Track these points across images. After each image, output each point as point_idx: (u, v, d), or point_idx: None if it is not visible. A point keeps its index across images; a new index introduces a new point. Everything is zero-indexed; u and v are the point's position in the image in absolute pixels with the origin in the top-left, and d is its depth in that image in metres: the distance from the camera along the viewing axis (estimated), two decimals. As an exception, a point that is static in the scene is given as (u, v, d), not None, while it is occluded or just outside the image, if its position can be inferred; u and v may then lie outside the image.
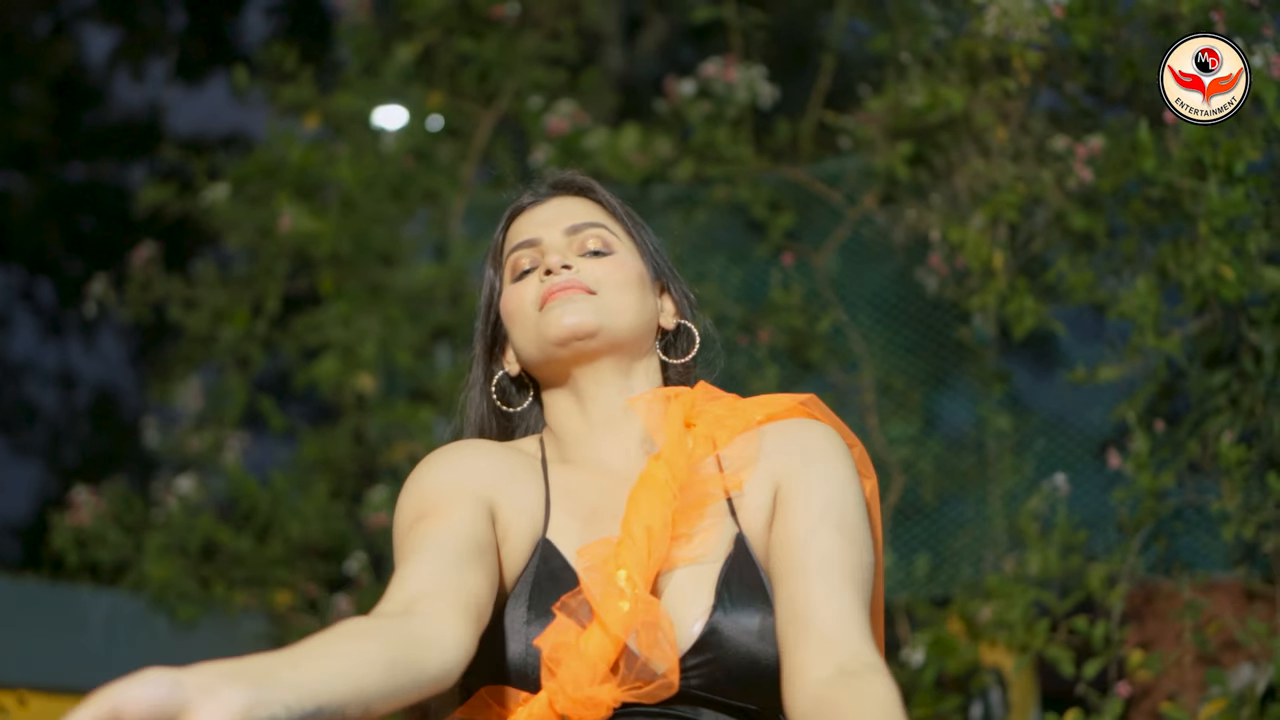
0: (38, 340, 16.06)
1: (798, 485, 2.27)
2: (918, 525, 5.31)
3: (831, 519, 2.23)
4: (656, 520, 2.20)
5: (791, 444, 2.32)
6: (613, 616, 2.11)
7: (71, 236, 14.37)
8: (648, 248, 2.45)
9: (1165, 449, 4.54)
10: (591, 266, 2.35)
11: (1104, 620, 4.51)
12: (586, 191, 2.46)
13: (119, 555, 6.21)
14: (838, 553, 2.19)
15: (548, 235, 2.38)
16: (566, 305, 2.31)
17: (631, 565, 2.15)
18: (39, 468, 16.27)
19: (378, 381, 6.21)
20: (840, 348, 5.49)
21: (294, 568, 6.21)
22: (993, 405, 5.19)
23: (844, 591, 2.15)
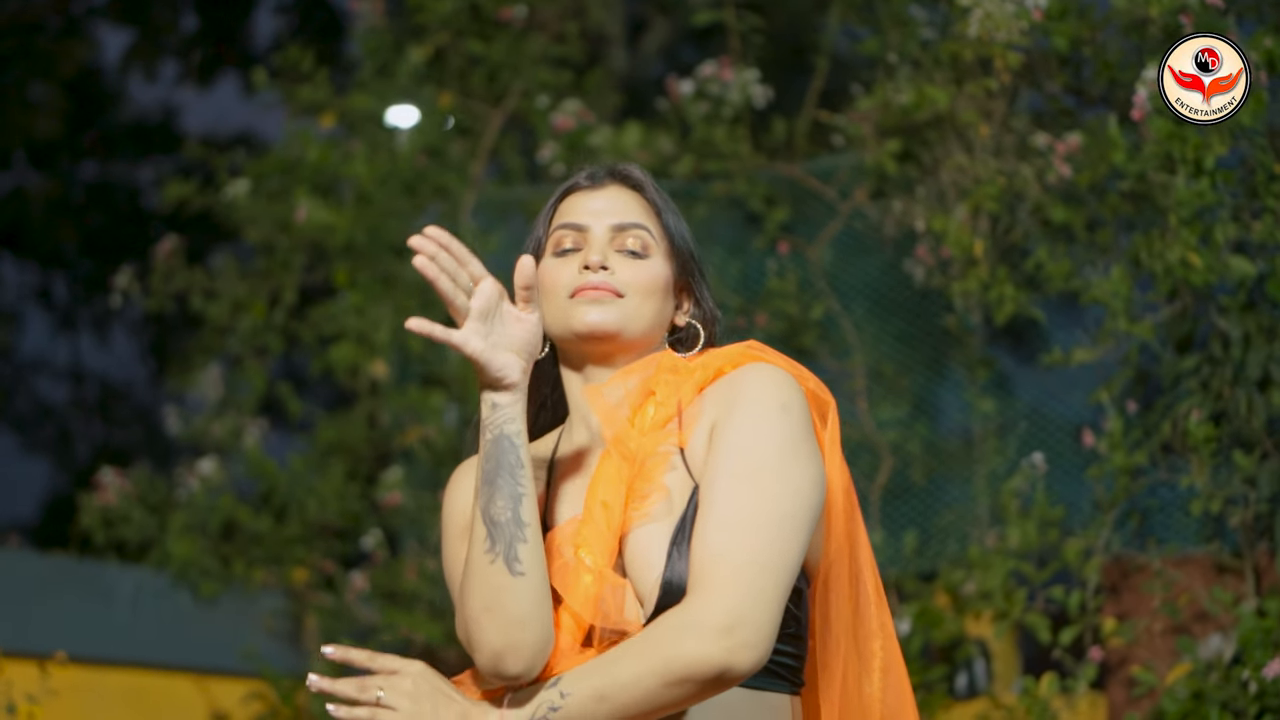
0: (50, 337, 16.18)
1: (718, 434, 2.38)
2: (906, 504, 5.53)
3: (735, 466, 2.34)
4: (612, 495, 2.39)
5: (727, 392, 2.41)
6: (576, 594, 2.35)
7: (85, 234, 14.50)
8: (681, 250, 2.58)
9: (1138, 430, 4.77)
10: (625, 268, 2.50)
11: (1079, 590, 4.75)
12: (639, 189, 2.60)
13: (144, 534, 6.44)
14: (734, 500, 2.32)
15: (595, 226, 2.53)
16: (595, 305, 2.47)
17: (591, 542, 2.37)
18: (49, 466, 16.36)
19: (391, 368, 6.44)
20: (833, 335, 5.71)
21: (311, 546, 6.44)
22: (978, 390, 5.41)
23: (724, 547, 2.28)
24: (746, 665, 2.25)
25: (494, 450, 2.35)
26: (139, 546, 6.48)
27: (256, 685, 6.26)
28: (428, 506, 6.20)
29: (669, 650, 2.25)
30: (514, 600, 2.31)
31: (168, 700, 6.15)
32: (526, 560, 2.32)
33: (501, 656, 2.32)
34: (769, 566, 2.29)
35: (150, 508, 6.49)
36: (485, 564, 2.33)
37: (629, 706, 2.27)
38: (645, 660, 2.26)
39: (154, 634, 6.23)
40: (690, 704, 2.29)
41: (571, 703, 2.28)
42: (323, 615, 6.30)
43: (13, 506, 19.01)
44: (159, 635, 6.24)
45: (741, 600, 2.26)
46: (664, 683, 2.25)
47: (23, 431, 16.11)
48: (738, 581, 2.26)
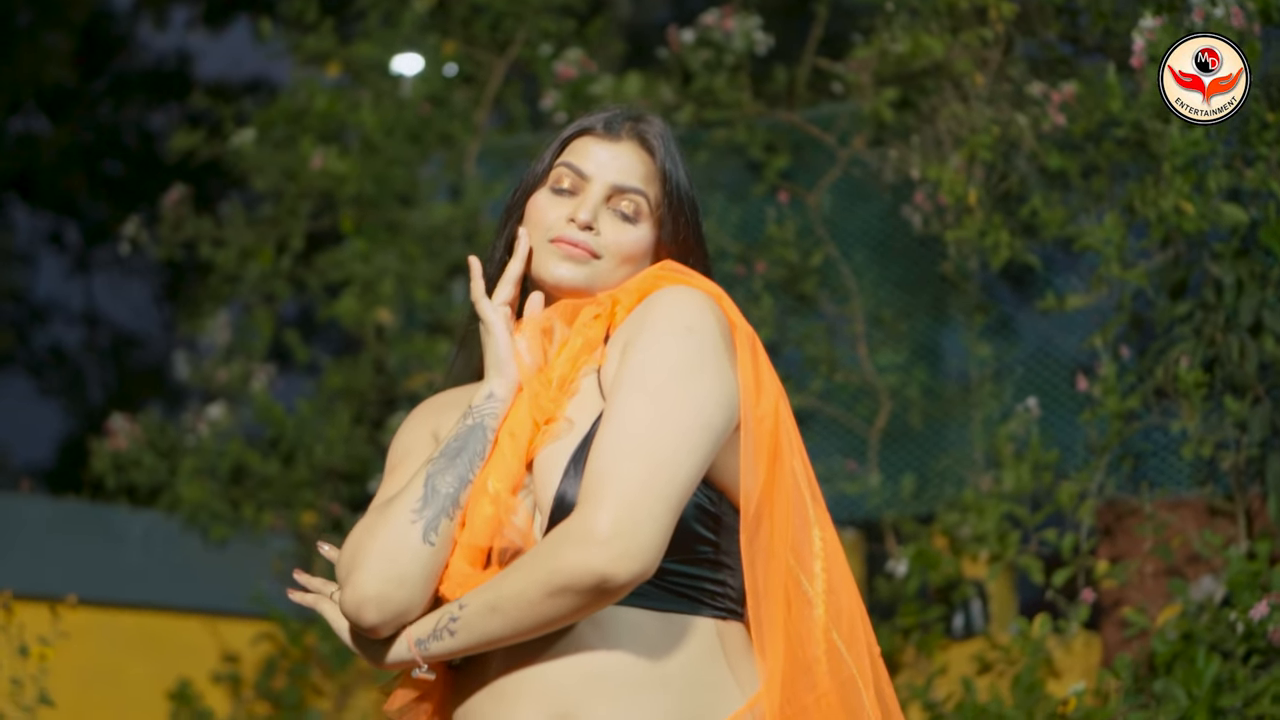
0: (63, 281, 16.25)
1: (625, 354, 2.42)
2: (904, 448, 5.60)
3: (633, 382, 2.37)
4: (519, 424, 2.45)
5: (641, 314, 2.45)
6: (476, 524, 2.40)
7: (97, 180, 14.55)
8: (677, 220, 2.59)
9: (1131, 374, 4.84)
10: (611, 230, 2.53)
11: (1073, 533, 4.83)
12: (653, 151, 2.60)
13: (154, 478, 6.52)
14: (625, 417, 2.34)
15: (595, 180, 2.55)
16: (567, 261, 2.53)
17: (497, 473, 2.42)
18: (62, 409, 16.45)
19: (397, 315, 6.52)
20: (832, 281, 5.77)
21: (319, 490, 6.51)
22: (975, 335, 5.48)
23: (610, 460, 2.31)
24: (625, 575, 2.26)
25: (468, 435, 2.45)
26: (150, 491, 6.56)
27: (266, 626, 6.34)
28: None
29: (550, 561, 2.28)
30: (410, 561, 2.38)
31: (178, 642, 6.22)
32: (442, 536, 2.40)
33: (366, 602, 2.37)
34: (655, 480, 2.30)
35: (161, 452, 6.57)
36: (406, 520, 2.40)
37: (518, 618, 2.31)
38: (529, 572, 2.30)
39: (165, 577, 6.31)
40: (577, 616, 2.32)
41: (468, 613, 2.34)
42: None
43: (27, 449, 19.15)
44: (170, 578, 6.32)
45: (622, 510, 2.27)
46: (546, 592, 2.28)
47: (37, 375, 16.22)
48: (621, 493, 2.28)
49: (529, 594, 2.30)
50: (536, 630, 2.34)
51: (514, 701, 2.40)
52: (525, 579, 2.31)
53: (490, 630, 2.34)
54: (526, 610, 2.31)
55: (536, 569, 2.30)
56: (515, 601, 2.31)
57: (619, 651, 2.39)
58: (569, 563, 2.27)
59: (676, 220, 2.58)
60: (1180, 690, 4.27)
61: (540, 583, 2.29)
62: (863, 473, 5.61)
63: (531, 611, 2.30)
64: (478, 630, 2.34)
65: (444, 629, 2.36)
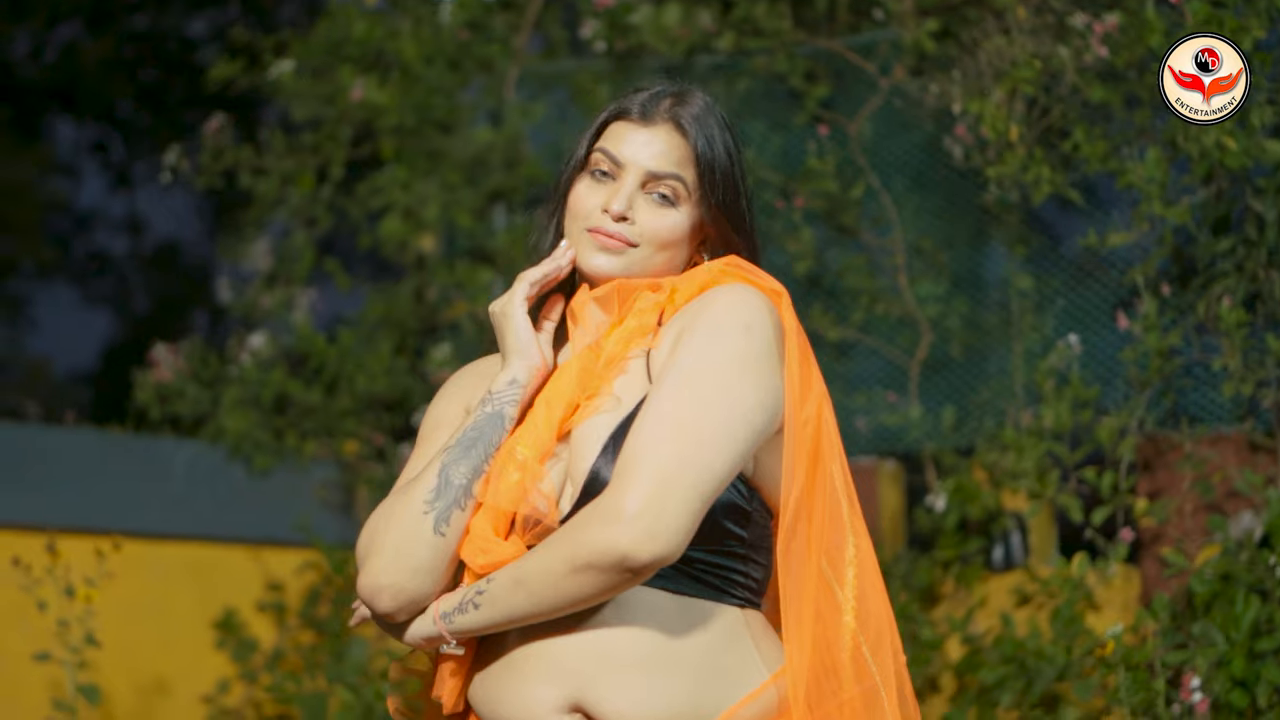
0: (106, 192, 16.29)
1: (678, 344, 2.43)
2: (944, 379, 5.60)
3: (681, 372, 2.38)
4: (556, 395, 2.48)
5: (699, 307, 2.47)
6: (501, 488, 2.43)
7: (139, 90, 14.54)
8: (717, 201, 2.57)
9: (1172, 311, 4.83)
10: (648, 215, 2.54)
11: (1112, 471, 4.83)
12: (687, 134, 2.58)
13: (198, 409, 6.56)
14: (668, 403, 2.36)
15: (630, 166, 2.55)
16: (603, 252, 2.54)
17: (526, 440, 2.45)
18: (109, 316, 16.54)
19: (438, 243, 6.52)
20: (872, 211, 5.75)
21: (361, 419, 6.54)
22: (1016, 266, 5.46)
23: (648, 443, 2.33)
24: (647, 556, 2.28)
25: (485, 424, 2.49)
26: (193, 421, 6.60)
27: (309, 555, 6.39)
28: (475, 383, 6.29)
29: (576, 536, 2.32)
30: (422, 551, 2.43)
31: (224, 571, 6.29)
32: (453, 526, 2.43)
33: (380, 590, 2.44)
34: (689, 467, 2.32)
35: (204, 383, 6.61)
36: (419, 510, 2.44)
37: (542, 593, 2.34)
38: (555, 548, 2.34)
39: (209, 507, 6.36)
40: (600, 596, 2.35)
41: (494, 588, 2.38)
42: (373, 486, 6.43)
43: (74, 356, 19.25)
44: (214, 508, 6.37)
45: (651, 492, 2.29)
46: (570, 568, 2.31)
47: (82, 283, 16.29)
48: (652, 474, 2.30)
49: (554, 569, 2.33)
50: (560, 609, 2.36)
51: (529, 678, 2.43)
52: (551, 555, 2.34)
53: (515, 605, 2.37)
54: (551, 586, 2.33)
55: (562, 545, 2.33)
56: (540, 577, 2.34)
57: (636, 632, 2.41)
58: (593, 539, 2.30)
59: (716, 202, 2.56)
60: (1219, 634, 4.29)
61: (565, 558, 2.32)
62: (903, 404, 5.61)
63: (555, 588, 2.33)
64: (502, 604, 2.37)
65: (469, 602, 2.40)
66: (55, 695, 5.12)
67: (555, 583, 2.33)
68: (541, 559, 2.34)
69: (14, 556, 5.17)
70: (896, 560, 5.40)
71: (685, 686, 2.40)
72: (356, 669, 6.11)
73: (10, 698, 5.66)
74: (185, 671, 6.14)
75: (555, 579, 2.33)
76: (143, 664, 6.04)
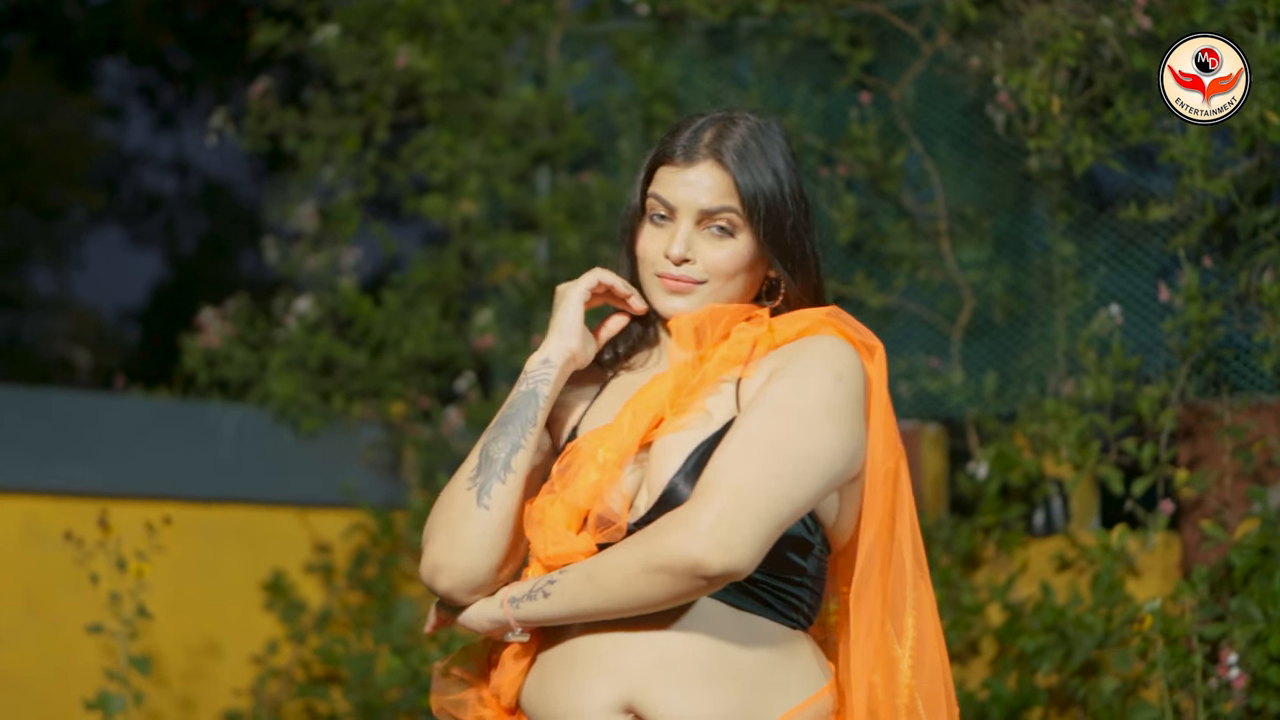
0: (152, 132, 16.33)
1: (773, 379, 2.53)
2: (986, 346, 5.61)
3: (771, 403, 2.49)
4: (643, 406, 2.59)
5: (795, 351, 2.57)
6: (579, 485, 2.54)
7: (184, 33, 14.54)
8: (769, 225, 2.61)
9: (1214, 282, 4.84)
10: (709, 250, 2.62)
11: (1152, 443, 4.85)
12: (728, 170, 2.62)
13: (245, 373, 6.62)
14: (757, 429, 2.46)
15: (681, 209, 2.62)
16: (673, 295, 2.64)
17: (610, 443, 2.56)
18: (156, 257, 16.62)
19: (482, 206, 6.55)
20: (915, 177, 5.76)
21: (407, 381, 6.60)
22: (1058, 233, 5.46)
23: (734, 461, 2.43)
24: (718, 566, 2.37)
25: (521, 401, 2.61)
26: (241, 385, 6.66)
27: (357, 517, 6.45)
28: (519, 348, 6.34)
29: (654, 540, 2.41)
30: (469, 527, 2.55)
31: (272, 534, 6.34)
32: (496, 499, 2.55)
33: (438, 570, 2.56)
34: (767, 491, 2.42)
35: (251, 346, 6.67)
36: (463, 488, 2.58)
37: (613, 591, 2.43)
38: (632, 548, 2.43)
39: (257, 471, 6.41)
40: (668, 602, 2.44)
41: (566, 579, 2.47)
42: (419, 448, 6.48)
43: (123, 294, 19.33)
44: (262, 472, 6.43)
45: (729, 507, 2.39)
46: (643, 569, 2.41)
47: (130, 223, 16.38)
48: (731, 493, 2.40)
49: (627, 568, 2.42)
50: (627, 609, 2.45)
51: (586, 675, 2.52)
52: (626, 554, 2.43)
53: (583, 599, 2.46)
54: (622, 584, 2.43)
55: (639, 546, 2.43)
56: (613, 574, 2.43)
57: (695, 640, 2.50)
58: (670, 543, 2.39)
59: (768, 226, 2.61)
60: (1256, 609, 4.31)
61: (639, 559, 2.41)
62: (945, 370, 5.63)
63: (627, 586, 2.42)
64: (571, 596, 2.46)
65: (540, 591, 2.49)
66: (108, 665, 5.20)
67: (627, 581, 2.42)
68: (617, 557, 2.44)
69: (67, 530, 5.25)
70: (938, 525, 5.43)
71: (737, 696, 2.50)
72: (404, 629, 6.19)
73: (65, 666, 5.74)
74: (235, 633, 6.21)
75: (628, 578, 2.42)
76: (193, 626, 6.12)
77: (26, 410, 5.98)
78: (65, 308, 15.10)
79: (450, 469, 6.41)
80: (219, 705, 6.16)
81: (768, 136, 2.64)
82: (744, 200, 2.60)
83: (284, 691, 6.24)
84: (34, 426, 5.95)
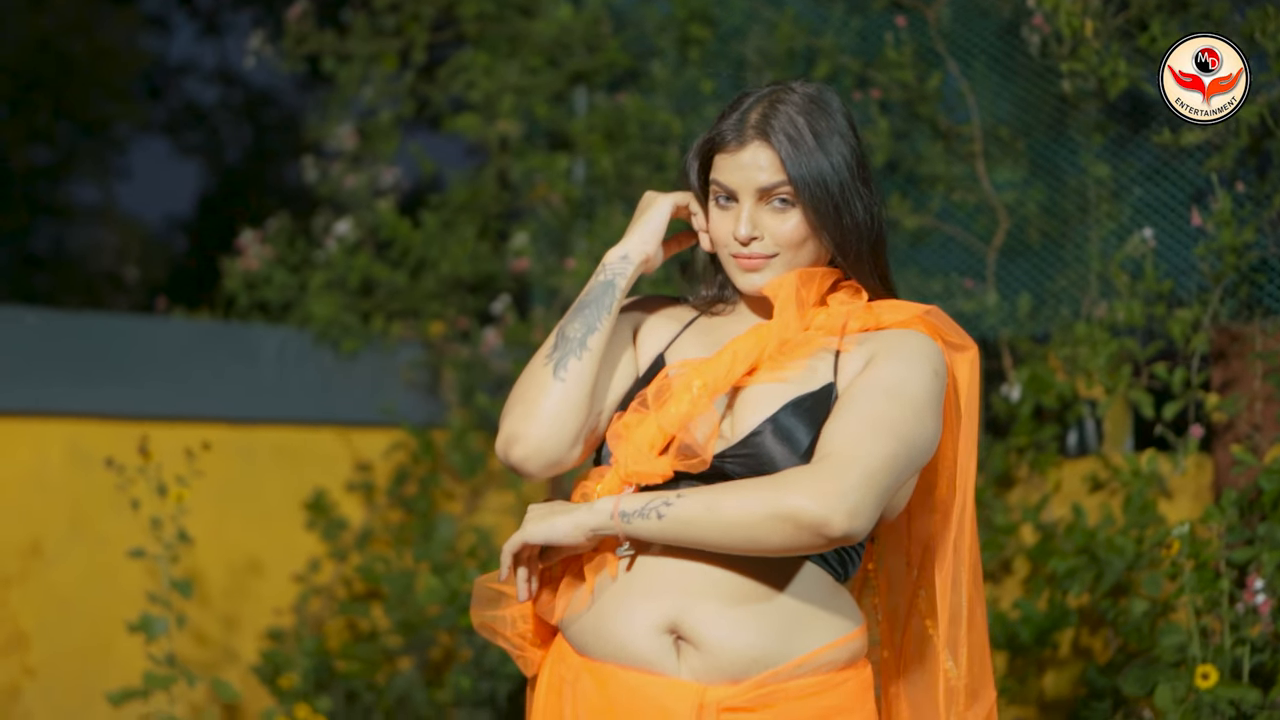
0: (196, 42, 16.35)
1: (874, 364, 2.69)
2: (1020, 267, 5.61)
3: (885, 384, 2.64)
4: (743, 349, 2.72)
5: (894, 339, 2.73)
6: (670, 410, 2.67)
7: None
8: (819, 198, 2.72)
9: (1248, 206, 4.82)
10: (775, 223, 2.74)
11: (1183, 367, 4.87)
12: (776, 149, 2.72)
13: (285, 295, 6.68)
14: (878, 409, 2.61)
15: (741, 192, 2.75)
16: (750, 273, 2.77)
17: (706, 378, 2.69)
18: (201, 167, 16.68)
19: (519, 126, 6.57)
20: (951, 99, 5.74)
21: (446, 301, 6.65)
22: (1093, 155, 5.44)
23: (860, 435, 2.57)
24: (840, 530, 2.49)
25: (599, 290, 2.75)
26: (281, 307, 6.72)
27: (397, 435, 6.52)
28: (554, 270, 6.37)
29: (788, 488, 2.52)
30: (545, 397, 2.66)
31: (313, 455, 6.41)
32: (572, 373, 2.67)
33: (514, 440, 2.66)
34: (888, 469, 2.56)
35: (291, 268, 6.72)
36: (540, 364, 2.70)
37: (730, 526, 2.52)
38: (763, 490, 2.53)
39: (298, 392, 6.47)
40: (779, 549, 2.54)
41: (683, 504, 2.56)
42: (458, 368, 6.53)
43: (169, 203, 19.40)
44: (303, 392, 6.48)
45: (862, 479, 2.52)
46: (770, 513, 2.51)
47: (174, 134, 16.43)
48: (863, 465, 2.53)
49: (753, 508, 2.52)
50: (739, 548, 2.55)
51: (638, 598, 2.64)
52: (755, 494, 2.54)
53: (695, 526, 2.55)
54: (742, 523, 2.53)
55: (770, 490, 2.53)
56: (736, 510, 2.53)
57: (744, 573, 2.64)
58: (804, 496, 2.51)
59: (814, 200, 2.73)
60: (1284, 535, 4.34)
61: (769, 501, 2.51)
62: (980, 291, 5.64)
63: (747, 527, 2.53)
64: (685, 521, 2.56)
65: (653, 509, 2.58)
66: (151, 588, 5.29)
67: (749, 521, 2.52)
68: (744, 495, 2.54)
69: (109, 456, 5.32)
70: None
71: (775, 628, 2.63)
72: (444, 546, 6.26)
73: (111, 587, 5.83)
74: (277, 552, 6.30)
75: (750, 516, 2.52)
76: (236, 545, 6.20)
77: (69, 334, 6.03)
78: (111, 221, 15.17)
79: (489, 388, 6.47)
80: (261, 623, 6.26)
81: (818, 107, 2.74)
82: (790, 177, 2.70)
83: (325, 609, 6.33)
84: (76, 350, 6.01)
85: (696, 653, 2.61)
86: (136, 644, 5.44)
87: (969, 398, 2.82)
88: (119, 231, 14.91)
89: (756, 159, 2.72)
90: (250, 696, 6.16)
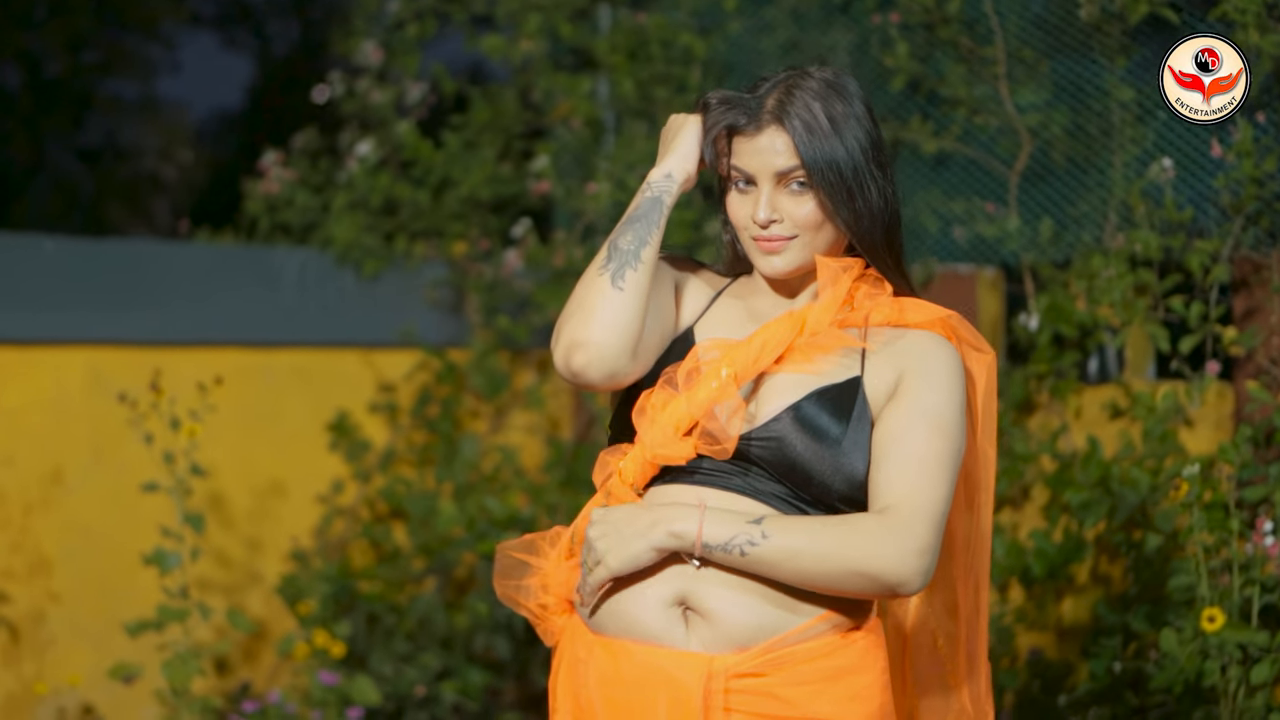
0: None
1: (910, 386, 2.74)
2: (1042, 192, 5.56)
3: (929, 419, 2.71)
4: (773, 338, 2.76)
5: (920, 350, 2.78)
6: (699, 393, 2.71)
7: None
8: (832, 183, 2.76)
9: (1268, 136, 4.76)
10: (794, 206, 2.78)
11: (1200, 301, 4.82)
12: (791, 134, 2.76)
13: (307, 217, 6.67)
14: (928, 449, 2.69)
15: (760, 176, 2.79)
16: (770, 255, 2.80)
17: (735, 363, 2.73)
18: (249, 60, 16.70)
19: (541, 46, 6.52)
20: (973, 19, 5.66)
21: (468, 221, 6.63)
22: (1117, 78, 5.37)
23: (920, 483, 2.66)
24: (916, 588, 2.63)
25: (646, 206, 2.78)
26: (303, 228, 6.71)
27: (420, 356, 6.53)
28: (575, 192, 6.34)
29: (873, 547, 2.61)
30: (604, 305, 2.68)
31: (336, 376, 6.42)
32: (630, 282, 2.70)
33: (575, 346, 2.67)
34: (945, 509, 2.68)
35: (313, 189, 6.70)
36: (595, 275, 2.71)
37: (809, 573, 2.62)
38: (848, 544, 2.62)
39: (320, 313, 6.47)
40: (850, 595, 2.67)
41: (768, 546, 2.63)
42: (481, 289, 6.52)
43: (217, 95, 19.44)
44: (325, 314, 6.48)
45: (930, 530, 2.64)
46: (853, 569, 2.61)
47: (223, 29, 16.46)
48: (927, 513, 2.64)
49: (836, 562, 2.61)
50: (805, 585, 2.65)
51: (645, 571, 2.69)
52: (841, 547, 2.63)
53: (775, 570, 2.64)
54: (821, 573, 2.63)
55: (856, 546, 2.63)
56: (820, 562, 2.62)
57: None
58: (888, 558, 2.62)
59: (827, 184, 2.76)
60: (1295, 474, 4.31)
61: (853, 560, 2.62)
62: (1001, 215, 5.59)
63: (826, 574, 2.63)
64: (766, 564, 2.64)
65: (737, 548, 2.65)
66: (167, 521, 5.32)
67: (830, 573, 2.62)
68: (828, 545, 2.63)
69: (123, 390, 5.34)
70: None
71: (777, 602, 2.69)
72: (468, 467, 6.28)
73: (130, 516, 5.87)
74: (300, 473, 6.33)
75: (832, 569, 2.61)
76: (259, 467, 6.24)
77: (88, 261, 6.05)
78: (156, 117, 15.20)
79: (511, 309, 6.46)
80: (284, 545, 6.30)
81: (834, 92, 2.79)
82: (804, 161, 2.74)
83: (348, 530, 6.36)
84: (96, 277, 6.03)
85: (705, 623, 2.67)
86: (156, 574, 5.49)
87: (986, 400, 2.88)
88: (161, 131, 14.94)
89: (773, 143, 2.76)
90: (273, 619, 6.21)
